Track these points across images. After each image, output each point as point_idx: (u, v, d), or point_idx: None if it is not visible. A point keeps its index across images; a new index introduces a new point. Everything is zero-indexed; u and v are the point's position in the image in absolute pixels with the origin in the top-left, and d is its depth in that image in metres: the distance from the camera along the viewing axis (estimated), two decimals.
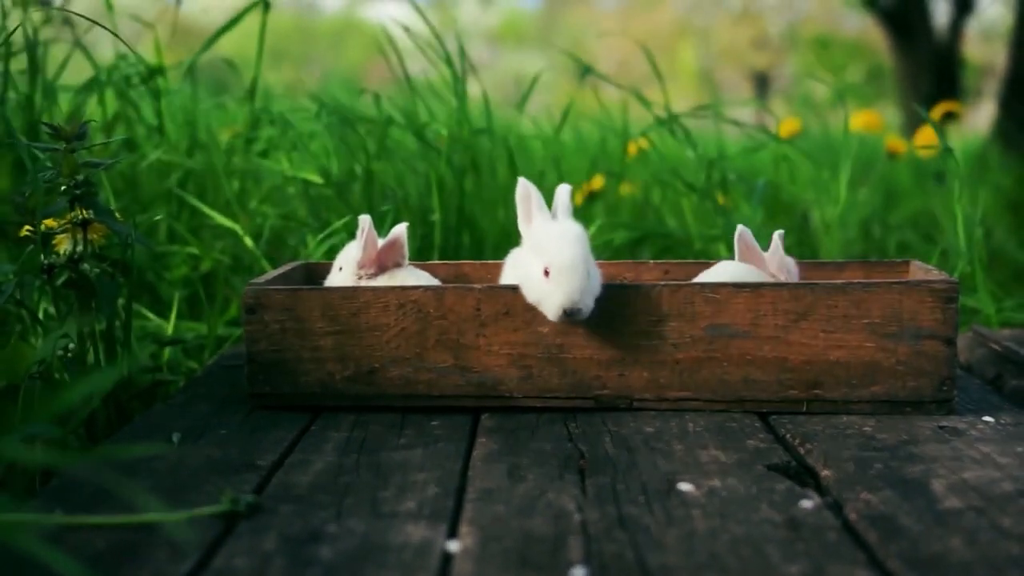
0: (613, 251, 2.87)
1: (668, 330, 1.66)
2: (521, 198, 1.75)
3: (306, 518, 1.22)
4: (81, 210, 1.72)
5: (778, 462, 1.42)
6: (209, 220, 2.55)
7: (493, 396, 1.70)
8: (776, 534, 1.16)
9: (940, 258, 2.78)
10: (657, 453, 1.46)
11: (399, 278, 1.83)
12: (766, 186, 2.90)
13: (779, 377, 1.66)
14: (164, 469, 1.41)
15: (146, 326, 2.29)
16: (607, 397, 1.69)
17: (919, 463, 1.40)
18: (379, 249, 1.85)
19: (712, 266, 1.92)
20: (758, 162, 4.05)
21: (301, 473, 1.39)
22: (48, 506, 1.26)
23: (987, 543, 1.13)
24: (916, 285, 1.63)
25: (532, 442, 1.53)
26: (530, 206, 1.74)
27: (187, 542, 1.14)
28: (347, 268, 1.87)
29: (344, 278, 1.87)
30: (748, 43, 20.06)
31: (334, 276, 1.89)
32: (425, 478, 1.37)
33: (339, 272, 1.88)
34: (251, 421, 1.66)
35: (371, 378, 1.70)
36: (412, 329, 1.68)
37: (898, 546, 1.12)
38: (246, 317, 1.70)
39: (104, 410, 1.77)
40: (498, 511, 1.24)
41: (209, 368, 2.04)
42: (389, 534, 1.17)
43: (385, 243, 1.85)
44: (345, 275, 1.87)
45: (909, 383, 1.64)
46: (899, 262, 1.99)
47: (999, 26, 12.66)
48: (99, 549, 1.13)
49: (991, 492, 1.28)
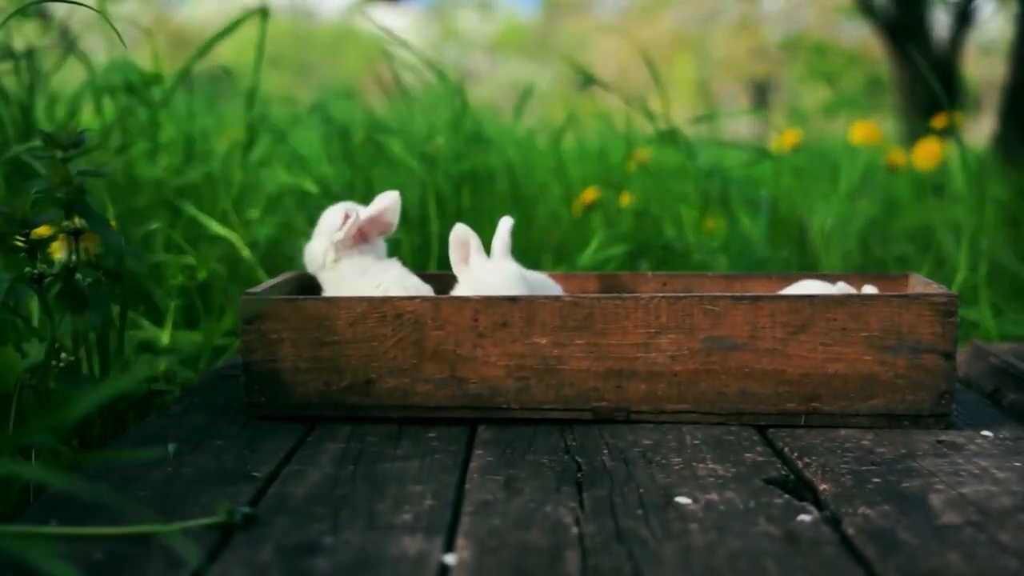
0: (609, 263, 2.86)
1: (666, 342, 1.66)
2: (458, 242, 1.79)
3: (302, 530, 1.22)
4: (75, 219, 1.71)
5: (776, 476, 1.41)
6: (206, 229, 2.54)
7: (490, 408, 1.69)
8: (774, 548, 1.16)
9: (934, 267, 2.78)
10: (655, 466, 1.45)
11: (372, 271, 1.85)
12: (768, 198, 2.90)
13: (777, 390, 1.65)
14: (160, 479, 1.40)
15: (142, 335, 2.28)
16: (605, 409, 1.68)
17: (917, 477, 1.40)
18: (363, 221, 1.88)
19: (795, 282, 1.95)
20: (757, 173, 4.06)
21: (297, 484, 1.38)
22: (44, 517, 1.25)
23: (985, 558, 1.12)
24: (916, 299, 1.63)
25: (529, 454, 1.52)
26: (468, 250, 1.79)
27: (184, 553, 1.13)
28: (323, 236, 1.91)
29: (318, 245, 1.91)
30: (746, 53, 20.08)
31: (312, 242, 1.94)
32: (422, 490, 1.36)
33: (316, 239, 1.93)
34: (247, 431, 1.65)
35: (368, 389, 1.70)
36: (409, 340, 1.68)
37: (896, 561, 1.12)
38: (242, 327, 1.70)
39: (99, 420, 1.77)
40: (495, 524, 1.24)
41: (205, 378, 2.03)
42: (385, 546, 1.16)
43: (369, 215, 1.88)
44: (320, 243, 1.91)
45: (908, 397, 1.64)
46: (898, 275, 1.98)
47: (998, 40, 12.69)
48: (96, 560, 1.12)
49: (989, 507, 1.28)
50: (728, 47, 20.92)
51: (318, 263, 1.91)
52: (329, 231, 1.90)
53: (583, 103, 3.57)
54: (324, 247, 1.90)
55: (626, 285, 2.06)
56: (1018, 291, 3.24)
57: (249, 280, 2.54)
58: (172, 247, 2.58)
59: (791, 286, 1.93)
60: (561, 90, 4.10)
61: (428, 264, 2.62)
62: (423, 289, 1.86)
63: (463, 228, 1.81)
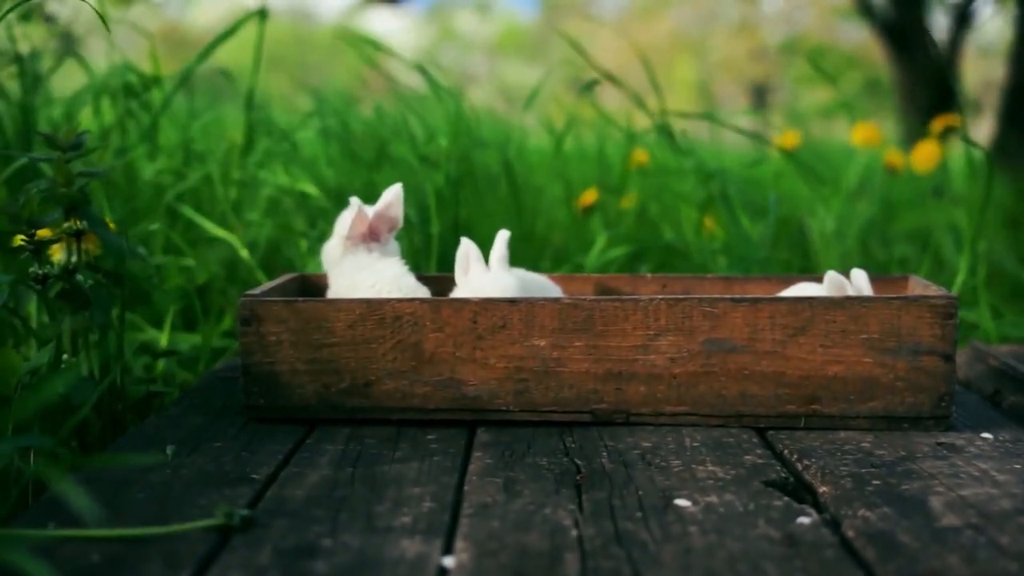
0: (611, 265, 2.86)
1: (665, 344, 1.65)
2: (462, 256, 1.85)
3: (301, 532, 1.21)
4: (75, 220, 1.71)
5: (776, 478, 1.41)
6: (205, 231, 2.54)
7: (489, 410, 1.69)
8: (774, 551, 1.16)
9: (934, 269, 2.78)
10: (654, 468, 1.45)
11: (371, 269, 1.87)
12: (776, 201, 2.90)
13: (777, 392, 1.65)
14: (158, 481, 1.40)
15: (141, 337, 2.28)
16: (604, 411, 1.68)
17: (917, 480, 1.40)
18: (371, 219, 1.90)
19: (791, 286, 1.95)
20: (758, 174, 4.06)
21: (296, 486, 1.38)
22: (41, 519, 1.25)
23: (985, 561, 1.12)
24: (915, 300, 1.63)
25: (528, 457, 1.52)
26: (468, 261, 1.84)
27: (181, 556, 1.13)
28: (337, 235, 1.93)
29: (334, 244, 1.93)
30: (746, 55, 20.09)
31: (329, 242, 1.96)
32: (420, 492, 1.36)
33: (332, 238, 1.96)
34: (246, 434, 1.65)
35: (367, 391, 1.69)
36: (408, 342, 1.68)
37: (896, 563, 1.12)
38: (241, 329, 1.70)
39: (98, 421, 1.77)
40: (494, 526, 1.23)
41: (204, 380, 2.03)
42: (384, 549, 1.16)
43: (377, 212, 1.89)
44: (335, 242, 1.93)
45: (907, 399, 1.64)
46: (898, 277, 1.98)
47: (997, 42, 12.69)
48: (93, 562, 1.12)
49: (989, 509, 1.28)
50: (728, 48, 20.93)
51: (330, 262, 1.92)
52: (343, 230, 1.91)
53: (582, 104, 3.57)
54: (336, 246, 1.91)
55: (625, 287, 2.06)
56: (1017, 293, 3.24)
57: (248, 282, 2.53)
58: (171, 249, 2.58)
59: (788, 289, 1.93)
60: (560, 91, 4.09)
61: (428, 266, 2.61)
62: (419, 290, 1.85)
63: (466, 242, 1.85)
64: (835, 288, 1.76)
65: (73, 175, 1.70)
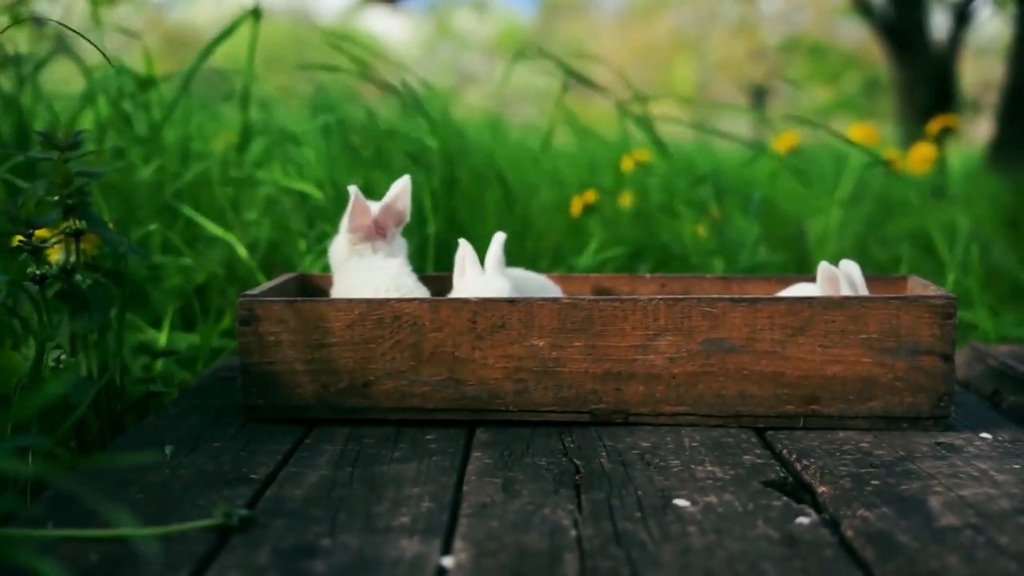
0: (607, 265, 2.86)
1: (664, 344, 1.65)
2: (458, 258, 1.87)
3: (300, 532, 1.21)
4: (74, 220, 1.71)
5: (775, 478, 1.41)
6: (203, 231, 2.54)
7: (488, 410, 1.69)
8: (773, 551, 1.15)
9: (933, 269, 2.78)
10: (653, 468, 1.45)
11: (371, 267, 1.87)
12: (761, 200, 2.90)
13: (776, 392, 1.65)
14: (157, 481, 1.40)
15: (140, 337, 2.28)
16: (603, 411, 1.68)
17: (916, 480, 1.40)
18: (377, 213, 1.89)
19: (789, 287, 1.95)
20: (755, 175, 4.05)
21: (295, 486, 1.38)
22: (40, 518, 1.25)
23: (984, 561, 1.12)
24: (914, 300, 1.62)
25: (527, 456, 1.52)
26: (464, 264, 1.86)
27: (180, 555, 1.13)
28: (342, 231, 1.92)
29: (340, 241, 1.92)
30: (745, 55, 20.09)
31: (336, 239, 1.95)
32: (419, 492, 1.36)
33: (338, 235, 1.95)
34: (245, 433, 1.65)
35: (366, 391, 1.69)
36: (407, 342, 1.68)
37: (895, 563, 1.11)
38: (240, 329, 1.70)
39: (96, 421, 1.76)
40: (493, 526, 1.23)
41: (203, 380, 2.03)
42: (383, 549, 1.16)
43: (384, 204, 1.89)
44: (340, 239, 1.92)
45: (907, 399, 1.64)
46: (897, 277, 1.98)
47: (995, 41, 12.69)
48: (92, 562, 1.12)
49: (988, 509, 1.28)
50: (726, 49, 20.93)
51: (336, 261, 1.92)
52: (346, 224, 1.90)
53: (580, 104, 3.57)
54: (342, 243, 1.90)
55: (624, 287, 2.06)
56: (1016, 293, 3.24)
57: (247, 282, 2.53)
58: (169, 249, 2.57)
59: (786, 289, 1.93)
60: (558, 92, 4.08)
61: (426, 266, 2.61)
62: (417, 290, 1.85)
63: (464, 244, 1.86)
64: (826, 279, 1.75)
65: (71, 175, 1.70)
